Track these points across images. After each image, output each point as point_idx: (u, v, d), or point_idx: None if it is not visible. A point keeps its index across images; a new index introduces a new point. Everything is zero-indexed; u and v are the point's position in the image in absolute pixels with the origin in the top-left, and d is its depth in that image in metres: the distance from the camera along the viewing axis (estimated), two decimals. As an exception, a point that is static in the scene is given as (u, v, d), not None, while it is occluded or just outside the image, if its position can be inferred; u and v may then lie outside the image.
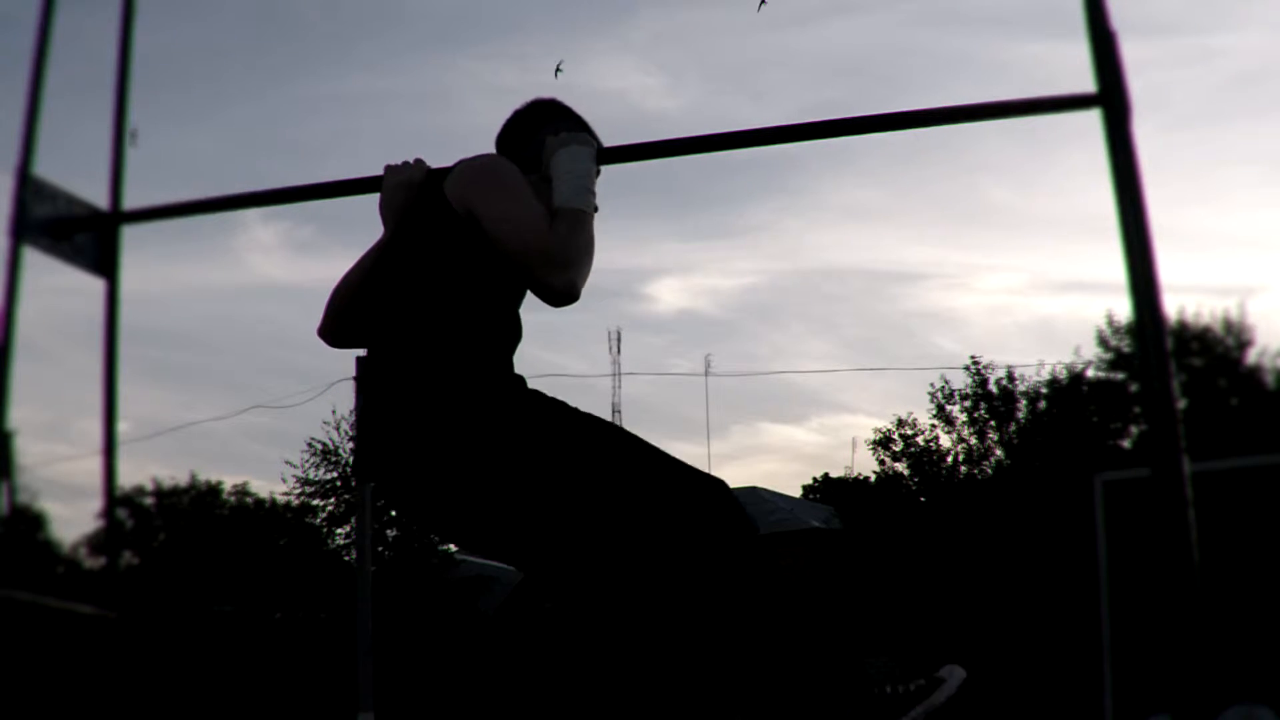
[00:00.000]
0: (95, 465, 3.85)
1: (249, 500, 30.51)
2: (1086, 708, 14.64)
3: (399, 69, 42.81)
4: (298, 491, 25.99)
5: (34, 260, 3.74)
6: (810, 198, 43.62)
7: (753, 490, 32.88)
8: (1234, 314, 24.63)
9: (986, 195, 41.24)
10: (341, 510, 25.60)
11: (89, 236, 3.88)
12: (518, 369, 2.99)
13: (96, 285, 3.92)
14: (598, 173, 3.21)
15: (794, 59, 41.37)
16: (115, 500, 4.06)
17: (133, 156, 4.01)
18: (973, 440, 25.98)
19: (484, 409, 2.80)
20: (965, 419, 26.09)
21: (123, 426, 3.95)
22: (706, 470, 2.85)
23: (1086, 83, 3.19)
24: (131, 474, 32.22)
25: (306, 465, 25.70)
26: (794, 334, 45.69)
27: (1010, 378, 25.96)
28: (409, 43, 43.67)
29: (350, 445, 24.36)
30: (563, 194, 3.04)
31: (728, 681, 2.71)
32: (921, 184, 41.32)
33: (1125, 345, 24.59)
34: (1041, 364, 32.13)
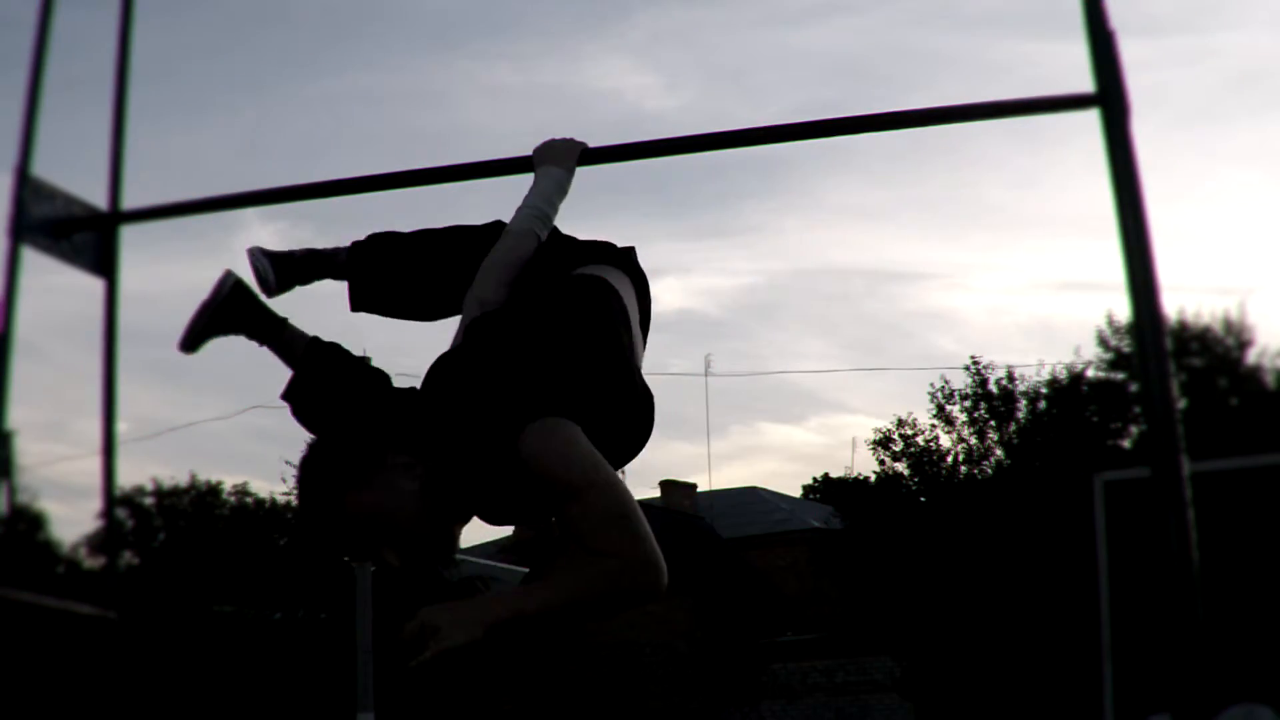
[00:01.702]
0: (95, 465, 3.85)
1: (249, 500, 30.48)
2: (1086, 708, 14.62)
3: (395, 68, 42.82)
4: (297, 492, 25.92)
5: (33, 260, 3.73)
6: (808, 197, 43.63)
7: (753, 490, 32.86)
8: (1234, 313, 24.61)
9: (985, 195, 41.25)
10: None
11: (88, 236, 3.88)
12: None
13: (96, 285, 3.91)
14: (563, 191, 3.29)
15: (791, 58, 41.38)
16: (115, 500, 4.05)
17: (131, 156, 4.01)
18: (973, 440, 25.95)
19: None
20: (965, 419, 26.06)
21: (122, 426, 3.95)
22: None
23: (1085, 82, 3.18)
24: (131, 474, 32.17)
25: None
26: (793, 334, 45.71)
27: (1010, 378, 25.94)
28: (406, 42, 43.68)
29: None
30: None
31: None
32: (920, 184, 41.33)
33: (1125, 345, 24.55)
34: (1041, 364, 32.14)
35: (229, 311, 3.38)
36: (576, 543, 2.43)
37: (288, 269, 3.45)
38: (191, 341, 3.42)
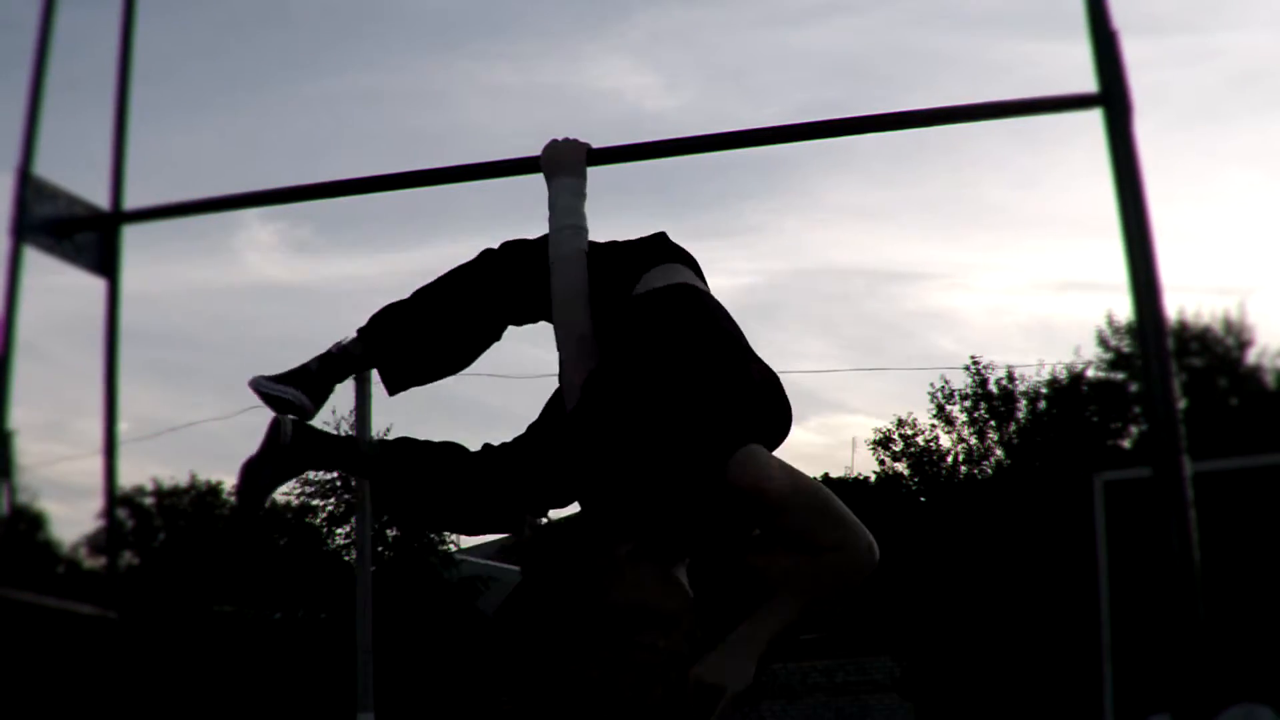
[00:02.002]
0: (95, 465, 3.85)
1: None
2: (1086, 708, 14.62)
3: (395, 68, 42.82)
4: (297, 492, 25.97)
5: (35, 260, 3.73)
6: (809, 197, 43.55)
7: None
8: (1234, 314, 24.64)
9: (986, 194, 41.19)
10: (341, 510, 25.58)
11: (90, 236, 3.88)
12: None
13: (97, 285, 3.91)
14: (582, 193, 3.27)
15: (791, 58, 41.37)
16: (115, 500, 4.05)
17: (132, 156, 4.01)
18: (973, 440, 25.96)
19: None
20: (965, 419, 26.07)
21: (123, 426, 3.95)
22: None
23: (1086, 82, 3.18)
24: (131, 474, 32.20)
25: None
26: (793, 334, 45.60)
27: (1010, 378, 25.95)
28: (406, 42, 43.68)
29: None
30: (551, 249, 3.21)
31: None
32: (920, 184, 41.28)
33: (1125, 345, 24.57)
34: (1041, 364, 32.15)
35: (296, 457, 3.09)
36: (797, 548, 2.63)
37: (310, 384, 3.24)
38: (256, 504, 3.09)
